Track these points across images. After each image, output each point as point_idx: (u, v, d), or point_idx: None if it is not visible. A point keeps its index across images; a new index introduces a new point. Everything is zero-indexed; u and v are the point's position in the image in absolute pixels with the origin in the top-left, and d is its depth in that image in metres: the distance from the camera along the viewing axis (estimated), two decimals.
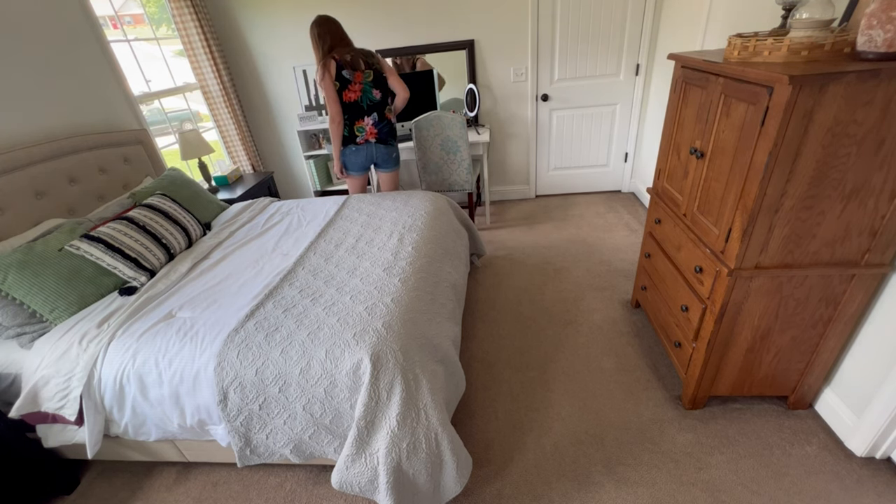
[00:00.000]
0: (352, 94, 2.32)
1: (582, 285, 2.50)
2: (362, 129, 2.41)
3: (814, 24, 1.15)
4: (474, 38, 3.21)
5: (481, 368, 2.00)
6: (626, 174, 3.63)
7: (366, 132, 2.41)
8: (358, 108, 2.36)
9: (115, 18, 2.87)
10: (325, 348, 1.31)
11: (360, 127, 2.40)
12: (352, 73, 2.28)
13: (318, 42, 2.28)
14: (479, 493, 1.47)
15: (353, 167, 2.52)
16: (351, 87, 2.30)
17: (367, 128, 2.41)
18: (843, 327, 1.40)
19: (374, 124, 2.41)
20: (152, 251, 1.89)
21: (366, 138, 2.43)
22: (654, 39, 3.07)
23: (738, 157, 1.26)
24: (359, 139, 2.42)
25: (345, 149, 2.45)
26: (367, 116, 2.39)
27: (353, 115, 2.37)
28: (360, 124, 2.40)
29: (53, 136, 2.11)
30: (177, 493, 1.60)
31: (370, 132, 2.42)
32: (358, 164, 2.50)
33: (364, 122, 2.39)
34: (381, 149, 2.48)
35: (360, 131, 2.41)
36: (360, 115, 2.38)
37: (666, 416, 1.67)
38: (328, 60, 2.25)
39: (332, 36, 2.28)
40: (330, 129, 2.39)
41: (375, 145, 2.46)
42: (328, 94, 2.29)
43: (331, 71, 2.25)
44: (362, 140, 2.43)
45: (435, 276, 1.73)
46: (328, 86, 2.27)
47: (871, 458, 1.43)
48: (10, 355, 1.53)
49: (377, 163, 2.55)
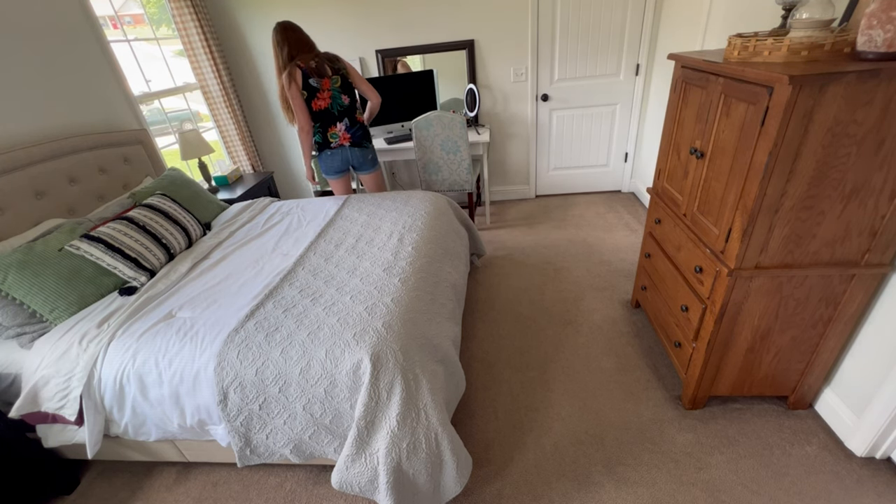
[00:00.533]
0: (321, 102, 2.30)
1: (582, 285, 2.50)
2: (336, 136, 2.39)
3: (814, 24, 1.15)
4: (474, 38, 3.21)
5: (481, 368, 2.00)
6: (626, 174, 3.63)
7: (339, 137, 2.40)
8: (329, 115, 2.34)
9: (115, 18, 2.87)
10: (325, 348, 1.31)
11: (334, 133, 2.38)
12: (319, 81, 2.25)
13: (277, 50, 2.24)
14: (479, 493, 1.47)
15: (331, 171, 2.50)
16: (320, 94, 2.28)
17: (340, 133, 2.39)
18: (843, 327, 1.40)
19: (346, 129, 2.40)
20: (152, 251, 1.89)
21: (340, 143, 2.41)
22: (654, 39, 3.07)
23: (738, 157, 1.26)
24: (333, 144, 2.41)
25: (321, 154, 2.44)
26: (338, 122, 2.37)
27: (324, 122, 2.35)
28: (332, 131, 2.38)
29: (53, 136, 2.11)
30: (177, 493, 1.60)
31: (343, 137, 2.40)
32: (335, 168, 2.48)
33: (336, 128, 2.38)
34: (355, 152, 2.46)
35: (333, 137, 2.39)
36: (331, 122, 2.36)
37: (666, 416, 1.67)
38: (293, 69, 2.20)
39: (291, 44, 2.23)
40: (299, 139, 2.37)
41: (350, 149, 2.44)
42: (295, 103, 2.25)
43: (297, 80, 2.21)
44: (336, 144, 2.41)
45: (435, 276, 1.73)
46: (295, 95, 2.23)
47: (871, 458, 1.43)
48: (10, 355, 1.53)
49: (355, 166, 2.53)
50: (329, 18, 3.22)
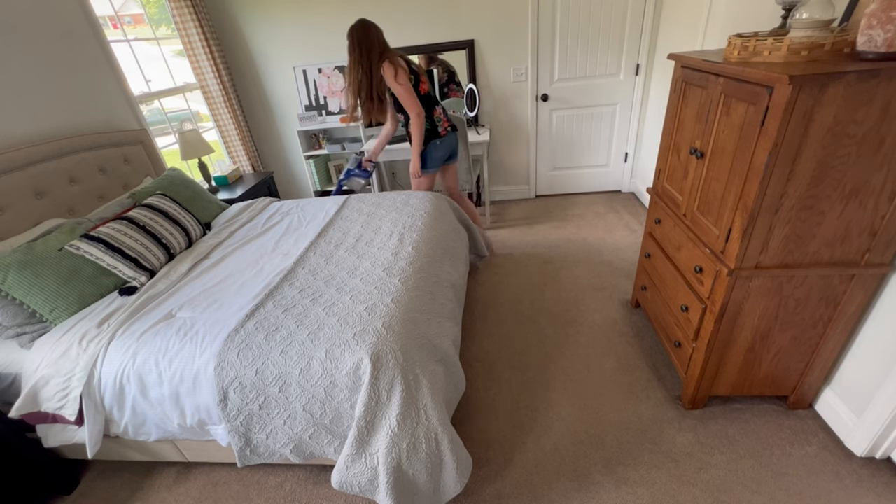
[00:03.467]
0: (425, 86, 2.24)
1: (582, 285, 2.50)
2: (439, 119, 2.33)
3: (814, 24, 1.15)
4: (474, 38, 3.21)
5: (481, 368, 2.00)
6: (626, 174, 3.63)
7: (442, 121, 2.34)
8: (431, 98, 2.29)
9: (115, 18, 2.87)
10: (325, 348, 1.31)
11: (437, 117, 2.32)
12: (416, 67, 2.22)
13: (363, 47, 2.11)
14: (479, 493, 1.47)
15: (434, 163, 2.39)
16: (422, 78, 2.23)
17: (441, 117, 2.34)
18: (843, 327, 1.40)
19: (443, 112, 2.36)
20: (152, 251, 1.89)
21: (444, 127, 2.35)
22: (654, 39, 3.07)
23: (738, 157, 1.26)
24: (440, 130, 2.33)
25: (429, 145, 2.32)
26: (437, 106, 2.33)
27: (429, 106, 2.27)
28: (436, 114, 2.31)
29: (53, 136, 2.11)
30: (177, 493, 1.60)
31: (444, 121, 2.35)
32: (439, 159, 2.39)
33: (438, 111, 2.33)
34: (456, 136, 2.43)
35: (438, 121, 2.32)
36: (433, 105, 2.30)
37: (666, 416, 1.67)
38: (393, 58, 2.12)
39: (381, 40, 2.15)
40: (413, 129, 2.23)
41: (452, 133, 2.39)
42: (407, 91, 2.13)
43: (403, 66, 2.13)
44: (444, 131, 2.34)
45: (435, 276, 1.73)
46: (406, 82, 2.12)
47: (871, 458, 1.43)
48: (10, 355, 1.53)
49: (451, 154, 2.45)
50: (329, 18, 3.22)
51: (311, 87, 3.48)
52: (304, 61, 3.40)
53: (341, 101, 3.48)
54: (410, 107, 2.18)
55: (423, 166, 2.39)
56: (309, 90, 3.49)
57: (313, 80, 3.45)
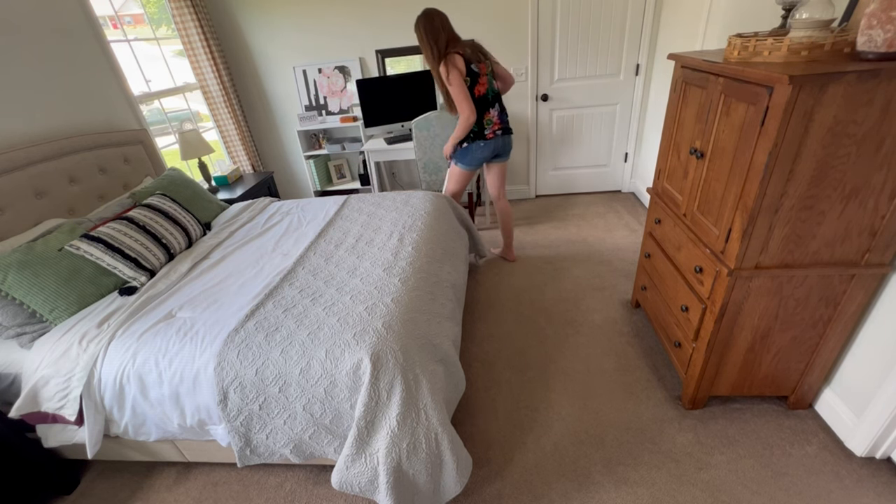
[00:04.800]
0: (481, 88, 2.24)
1: (582, 285, 2.50)
2: (490, 122, 2.33)
3: (814, 24, 1.15)
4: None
5: (481, 368, 2.00)
6: (626, 174, 3.63)
7: (493, 123, 2.34)
8: (485, 100, 2.29)
9: (115, 18, 2.87)
10: (325, 348, 1.31)
11: (489, 119, 2.32)
12: (478, 66, 2.21)
13: (429, 39, 2.13)
14: (479, 493, 1.47)
15: (474, 163, 2.41)
16: (480, 80, 2.23)
17: (493, 119, 2.34)
18: (843, 327, 1.40)
19: (497, 115, 2.35)
20: (152, 251, 1.89)
21: (493, 130, 2.35)
22: (654, 39, 3.07)
23: (738, 158, 1.26)
24: (487, 132, 2.34)
25: (472, 144, 2.35)
26: (491, 108, 2.32)
27: (481, 108, 2.28)
28: (487, 117, 2.32)
29: (53, 136, 2.11)
30: (177, 493, 1.60)
31: (496, 123, 2.35)
32: (480, 160, 2.41)
33: (490, 114, 2.32)
34: (506, 139, 2.43)
35: (488, 124, 2.33)
36: (486, 108, 2.30)
37: (666, 416, 1.67)
38: (452, 56, 2.12)
39: (446, 31, 2.15)
40: (460, 128, 2.26)
41: (502, 137, 2.40)
42: (460, 91, 2.15)
43: (459, 67, 2.12)
44: (491, 133, 2.35)
45: (435, 276, 1.73)
46: (458, 83, 2.13)
47: (871, 458, 1.43)
48: (10, 355, 1.53)
49: (499, 153, 2.46)
50: (329, 18, 3.22)
51: (311, 87, 3.48)
52: (304, 61, 3.40)
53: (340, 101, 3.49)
54: (461, 108, 2.21)
55: (460, 160, 2.43)
56: (309, 90, 3.49)
57: (313, 80, 3.45)
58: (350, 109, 3.53)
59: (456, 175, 2.51)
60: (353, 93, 3.46)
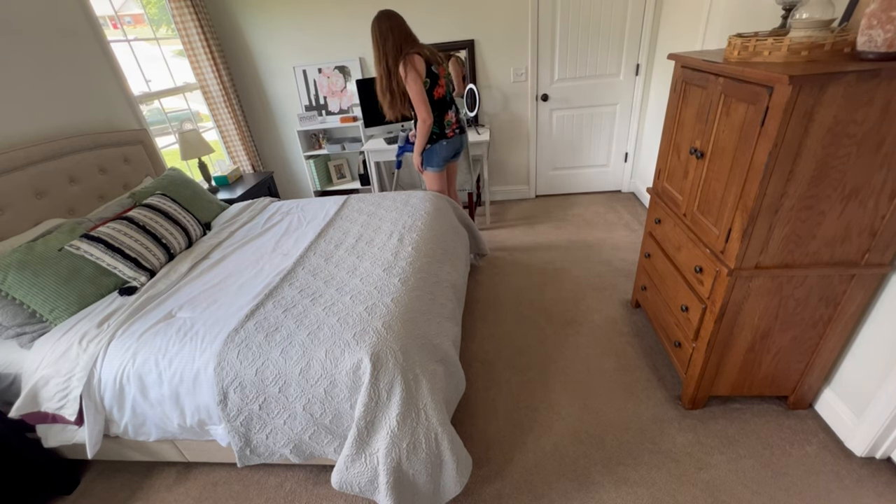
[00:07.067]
0: (441, 90, 2.26)
1: (582, 285, 2.50)
2: (450, 123, 2.36)
3: (814, 24, 1.15)
4: (474, 38, 3.21)
5: (481, 368, 2.00)
6: (626, 174, 3.63)
7: (452, 124, 2.37)
8: (444, 102, 2.31)
9: (115, 18, 2.87)
10: (325, 348, 1.31)
11: (448, 120, 2.35)
12: (438, 68, 2.21)
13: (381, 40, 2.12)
14: (479, 493, 1.47)
15: (441, 162, 2.43)
16: (440, 82, 2.24)
17: (452, 120, 2.37)
18: (843, 327, 1.40)
19: (455, 115, 2.38)
20: (152, 251, 1.89)
21: (452, 129, 2.38)
22: (654, 39, 3.07)
23: (738, 157, 1.26)
24: (448, 132, 2.36)
25: (435, 145, 2.36)
26: (450, 110, 2.35)
27: (441, 110, 2.30)
28: (447, 118, 2.34)
29: (53, 135, 2.11)
30: (177, 493, 1.60)
31: (455, 123, 2.38)
32: (445, 158, 2.43)
33: (449, 115, 2.35)
34: (463, 138, 2.47)
35: (448, 124, 2.35)
36: (446, 109, 2.33)
37: (666, 416, 1.67)
38: (411, 57, 2.09)
39: (400, 33, 2.13)
40: (419, 131, 2.27)
41: (460, 136, 2.44)
42: (418, 93, 2.13)
43: (418, 68, 2.10)
44: (451, 132, 2.38)
45: (435, 276, 1.73)
46: (416, 85, 2.11)
47: (871, 458, 1.43)
48: (10, 355, 1.53)
49: (457, 152, 2.50)
50: (329, 18, 3.22)
51: (311, 87, 3.48)
52: (304, 61, 3.40)
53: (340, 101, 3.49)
54: (418, 110, 2.20)
55: (428, 164, 2.44)
56: (309, 90, 3.49)
57: (313, 80, 3.45)
58: (350, 109, 3.53)
59: (430, 179, 2.52)
60: (353, 93, 3.46)
